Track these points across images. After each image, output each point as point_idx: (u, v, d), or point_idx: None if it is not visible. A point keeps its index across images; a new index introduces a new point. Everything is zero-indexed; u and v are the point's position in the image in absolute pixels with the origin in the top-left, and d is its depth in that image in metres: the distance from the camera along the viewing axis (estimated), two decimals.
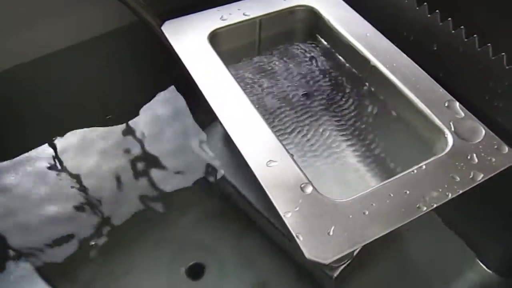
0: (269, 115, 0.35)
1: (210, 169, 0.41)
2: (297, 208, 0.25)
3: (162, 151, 0.42)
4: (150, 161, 0.42)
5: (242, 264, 0.38)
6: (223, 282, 0.37)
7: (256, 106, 0.30)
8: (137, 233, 0.38)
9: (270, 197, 0.25)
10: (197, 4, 0.37)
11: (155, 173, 0.41)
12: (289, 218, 0.24)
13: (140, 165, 0.41)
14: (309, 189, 0.26)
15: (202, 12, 0.36)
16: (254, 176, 0.27)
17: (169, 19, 0.36)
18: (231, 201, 0.40)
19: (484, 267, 0.37)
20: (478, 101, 0.33)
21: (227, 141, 0.40)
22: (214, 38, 0.35)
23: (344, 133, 0.34)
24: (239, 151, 0.28)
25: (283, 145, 0.28)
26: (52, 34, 0.38)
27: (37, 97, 0.41)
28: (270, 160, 0.27)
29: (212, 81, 0.31)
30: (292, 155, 0.27)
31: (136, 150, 0.42)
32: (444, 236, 0.39)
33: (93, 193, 0.40)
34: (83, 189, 0.40)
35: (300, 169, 0.27)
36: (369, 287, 0.37)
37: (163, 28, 0.35)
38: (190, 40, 0.34)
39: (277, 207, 0.25)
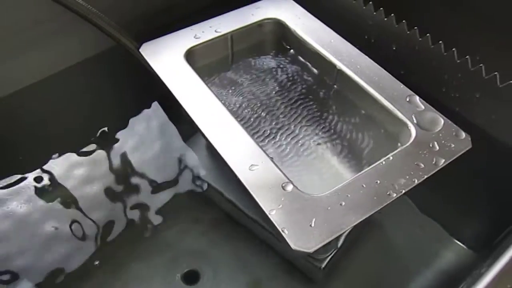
0: (247, 123, 0.37)
1: (197, 178, 0.43)
2: (280, 206, 0.27)
3: (150, 165, 0.44)
4: (139, 175, 0.44)
5: (235, 266, 0.40)
6: (218, 285, 0.39)
7: (235, 116, 0.32)
8: (131, 246, 0.40)
9: (255, 197, 0.28)
10: (170, 23, 0.40)
11: (144, 186, 0.43)
12: (274, 215, 0.27)
13: (129, 180, 0.43)
14: (289, 187, 0.28)
15: (176, 32, 0.38)
16: (238, 181, 0.29)
17: (145, 40, 0.38)
18: (219, 207, 0.42)
19: (460, 244, 0.40)
20: (437, 94, 0.36)
21: (211, 150, 0.42)
22: (190, 56, 0.37)
23: (319, 132, 0.37)
24: (222, 159, 0.30)
25: (263, 150, 0.30)
26: (32, 65, 0.40)
27: (23, 126, 0.43)
28: (252, 165, 0.29)
29: (191, 96, 0.33)
30: (271, 158, 0.30)
31: (125, 166, 0.44)
32: (420, 221, 0.42)
33: (85, 211, 0.41)
34: (75, 208, 0.42)
35: (280, 170, 0.29)
36: (354, 274, 0.39)
37: (141, 50, 0.37)
38: (167, 60, 0.36)
39: (262, 206, 0.27)
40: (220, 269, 0.40)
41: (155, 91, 0.41)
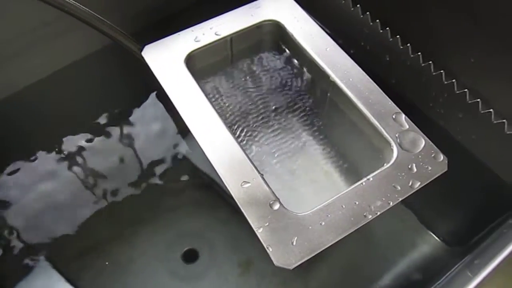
0: (243, 127, 0.40)
1: (195, 167, 0.46)
2: (267, 224, 0.30)
3: (151, 152, 0.47)
4: (141, 161, 0.47)
5: (229, 246, 0.44)
6: (215, 263, 0.43)
7: (230, 123, 0.34)
8: (136, 225, 0.44)
9: (245, 214, 0.31)
10: (171, 19, 0.41)
11: (146, 173, 0.46)
12: (261, 233, 0.30)
13: (132, 166, 0.46)
14: (276, 206, 0.31)
15: (177, 34, 0.39)
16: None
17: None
18: (216, 193, 0.45)
19: (437, 238, 0.44)
20: (424, 107, 0.37)
21: None
22: (190, 60, 0.38)
23: (311, 139, 0.39)
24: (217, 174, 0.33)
25: (255, 166, 0.33)
26: (40, 62, 0.43)
27: (35, 119, 0.46)
28: (244, 181, 0.32)
29: (190, 106, 0.35)
30: (262, 175, 0.32)
31: (127, 152, 0.47)
32: (400, 213, 0.45)
33: (94, 193, 0.45)
34: (84, 189, 0.45)
35: (269, 187, 0.32)
36: (336, 259, 0.43)
37: (143, 53, 0.38)
38: (168, 65, 0.38)
39: (251, 223, 0.31)
40: (216, 249, 0.44)
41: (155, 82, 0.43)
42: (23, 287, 0.41)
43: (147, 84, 0.48)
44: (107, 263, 0.42)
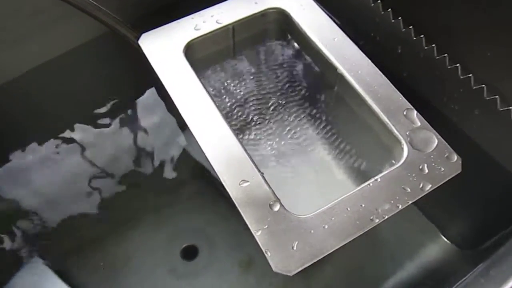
0: (243, 122, 0.38)
1: (195, 162, 0.45)
2: (266, 226, 0.29)
3: (149, 146, 0.46)
4: (138, 156, 0.45)
5: (229, 244, 0.43)
6: (215, 260, 0.42)
7: (229, 117, 0.33)
8: (135, 221, 0.43)
9: (243, 216, 0.29)
10: (171, 6, 0.39)
11: (144, 167, 0.45)
12: (259, 236, 0.28)
13: (129, 161, 0.45)
14: (276, 207, 0.29)
15: (177, 21, 0.37)
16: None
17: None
18: (216, 188, 0.44)
19: (447, 240, 0.42)
20: (436, 103, 0.35)
21: None
22: (190, 49, 0.36)
23: (315, 135, 0.37)
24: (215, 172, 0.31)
25: (255, 164, 0.31)
26: (39, 47, 0.41)
27: (30, 108, 0.44)
28: (242, 180, 0.30)
29: (188, 98, 0.34)
30: (262, 173, 0.31)
31: (125, 147, 0.46)
32: (409, 214, 0.44)
33: (91, 187, 0.44)
34: (79, 183, 0.44)
35: (269, 187, 0.30)
36: (340, 260, 0.42)
37: (140, 42, 0.36)
38: (165, 54, 0.36)
39: (249, 226, 0.29)
40: (216, 246, 0.43)
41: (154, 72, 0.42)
42: (18, 283, 0.40)
43: (146, 75, 0.46)
44: (101, 263, 0.41)
